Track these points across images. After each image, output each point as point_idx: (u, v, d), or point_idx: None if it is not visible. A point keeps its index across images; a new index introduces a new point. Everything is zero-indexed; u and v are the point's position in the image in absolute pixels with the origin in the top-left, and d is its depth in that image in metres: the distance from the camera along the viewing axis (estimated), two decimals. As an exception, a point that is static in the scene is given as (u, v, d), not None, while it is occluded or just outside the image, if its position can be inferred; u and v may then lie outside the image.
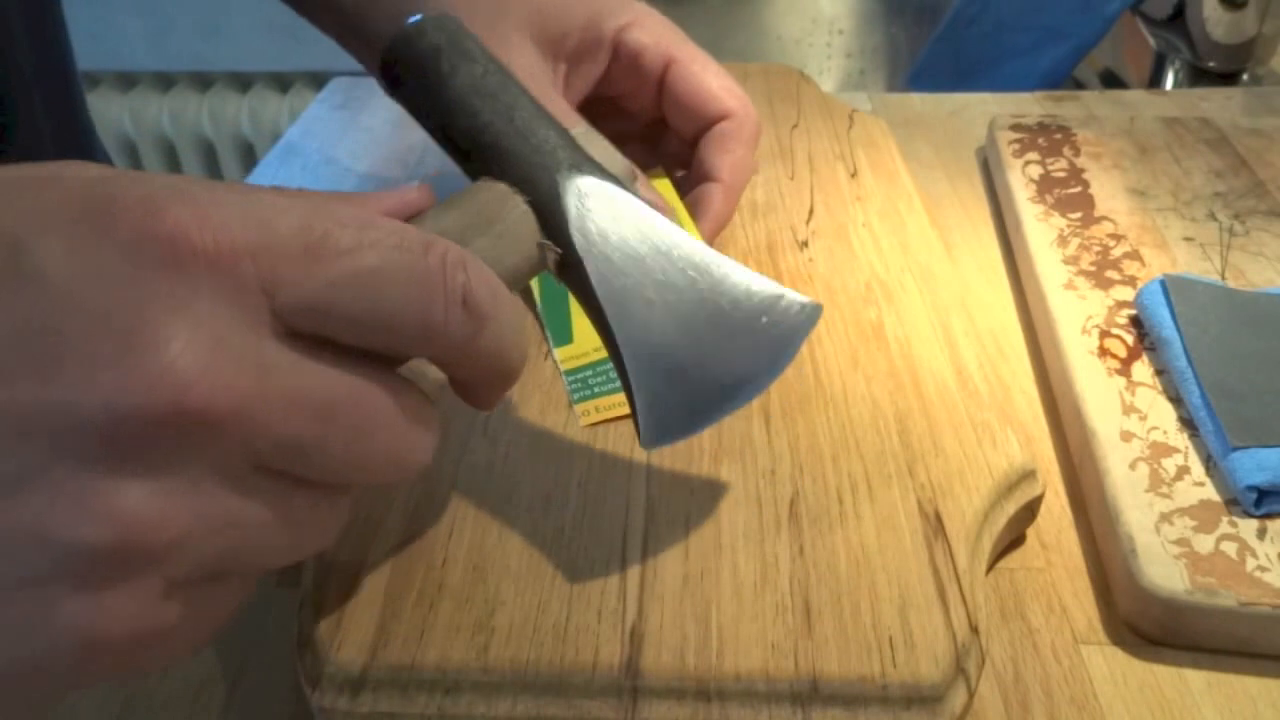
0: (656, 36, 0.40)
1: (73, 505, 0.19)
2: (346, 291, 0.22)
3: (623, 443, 0.35)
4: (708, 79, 0.41)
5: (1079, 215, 0.48)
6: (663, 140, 0.45)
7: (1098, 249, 0.45)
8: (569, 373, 0.37)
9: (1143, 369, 0.38)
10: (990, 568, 0.33)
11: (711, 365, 0.28)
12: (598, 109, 0.44)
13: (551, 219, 0.28)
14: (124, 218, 0.20)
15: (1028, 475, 0.34)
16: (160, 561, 0.20)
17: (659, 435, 0.28)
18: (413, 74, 0.31)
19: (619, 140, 0.34)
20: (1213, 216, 0.48)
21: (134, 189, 0.20)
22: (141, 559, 0.20)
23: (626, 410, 0.35)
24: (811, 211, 0.48)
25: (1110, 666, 0.30)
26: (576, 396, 0.36)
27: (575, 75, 0.41)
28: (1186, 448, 0.35)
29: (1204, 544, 0.31)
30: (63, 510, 0.19)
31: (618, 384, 0.37)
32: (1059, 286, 0.43)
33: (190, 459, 0.20)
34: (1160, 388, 0.37)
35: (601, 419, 0.35)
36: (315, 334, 0.22)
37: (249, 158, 1.50)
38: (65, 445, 0.19)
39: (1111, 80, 0.87)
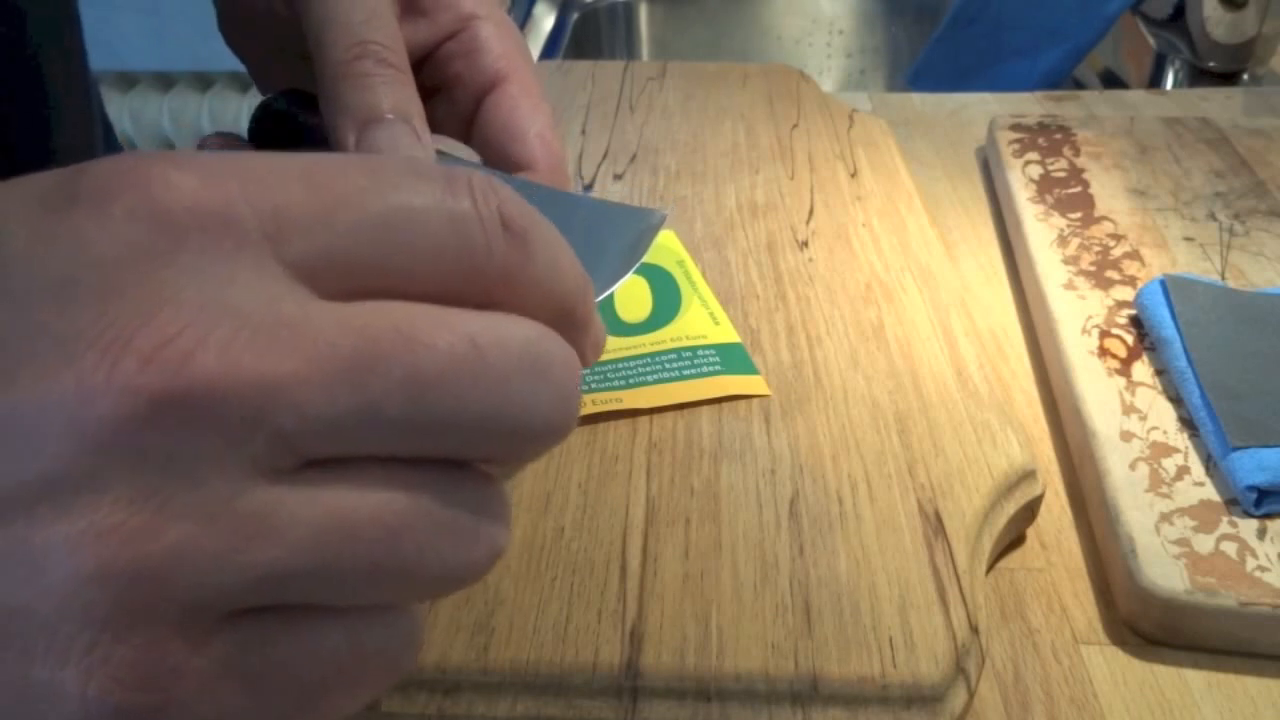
0: (505, 47, 0.34)
1: (27, 542, 0.16)
2: (370, 235, 0.18)
3: (623, 443, 0.35)
4: (529, 120, 0.34)
5: (1079, 215, 0.48)
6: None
7: (1098, 249, 0.45)
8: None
9: (1143, 369, 0.38)
10: (990, 568, 0.33)
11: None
12: None
13: None
14: (89, 183, 0.17)
15: (1028, 475, 0.34)
16: (165, 586, 0.16)
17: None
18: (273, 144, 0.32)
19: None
20: (1213, 216, 0.48)
21: (107, 160, 0.18)
22: (136, 587, 0.16)
23: (621, 405, 0.36)
24: (811, 211, 0.48)
25: (1110, 666, 0.30)
26: None
27: (411, 27, 0.35)
28: (1186, 448, 0.35)
29: (1204, 544, 0.31)
30: (27, 554, 0.16)
31: (612, 382, 0.37)
32: (1059, 286, 0.43)
33: (189, 455, 0.16)
34: (1160, 388, 0.37)
35: (595, 411, 0.36)
36: (340, 292, 0.18)
37: (249, 158, 1.50)
38: (26, 470, 0.16)
39: (1111, 80, 0.87)
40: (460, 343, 0.18)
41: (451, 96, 0.35)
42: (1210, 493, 0.33)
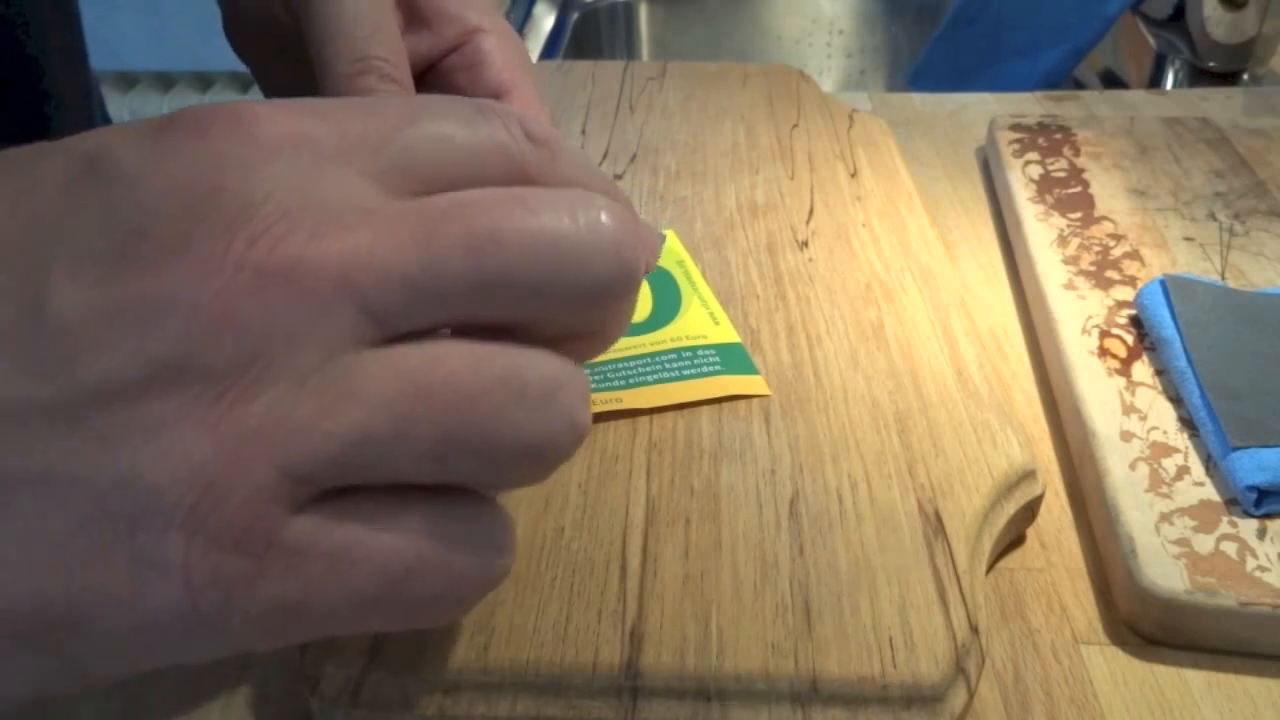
0: (508, 60, 0.35)
1: (141, 415, 0.18)
2: (422, 148, 0.21)
3: (623, 443, 0.35)
4: None
5: (1079, 215, 0.48)
6: None
7: (1098, 249, 0.45)
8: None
9: (1143, 369, 0.38)
10: (990, 568, 0.33)
11: None
12: None
13: None
14: (183, 120, 0.20)
15: (1028, 475, 0.34)
16: (261, 447, 0.18)
17: None
18: None
19: None
20: (1213, 216, 0.48)
21: (193, 106, 0.20)
22: (235, 448, 0.18)
23: (621, 405, 0.36)
24: (811, 211, 0.48)
25: (1110, 666, 0.30)
26: None
27: (414, 39, 0.36)
28: (1186, 448, 0.35)
29: (1204, 544, 0.31)
30: (151, 435, 0.18)
31: (612, 382, 0.37)
32: (1059, 286, 0.43)
33: (287, 323, 0.18)
34: (1160, 388, 0.37)
35: (595, 410, 0.36)
36: (406, 195, 0.21)
37: (249, 158, 1.50)
38: (145, 350, 0.18)
39: (1111, 80, 0.87)
40: (511, 201, 0.20)
41: None
42: (1210, 493, 0.33)
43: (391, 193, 0.20)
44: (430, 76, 0.35)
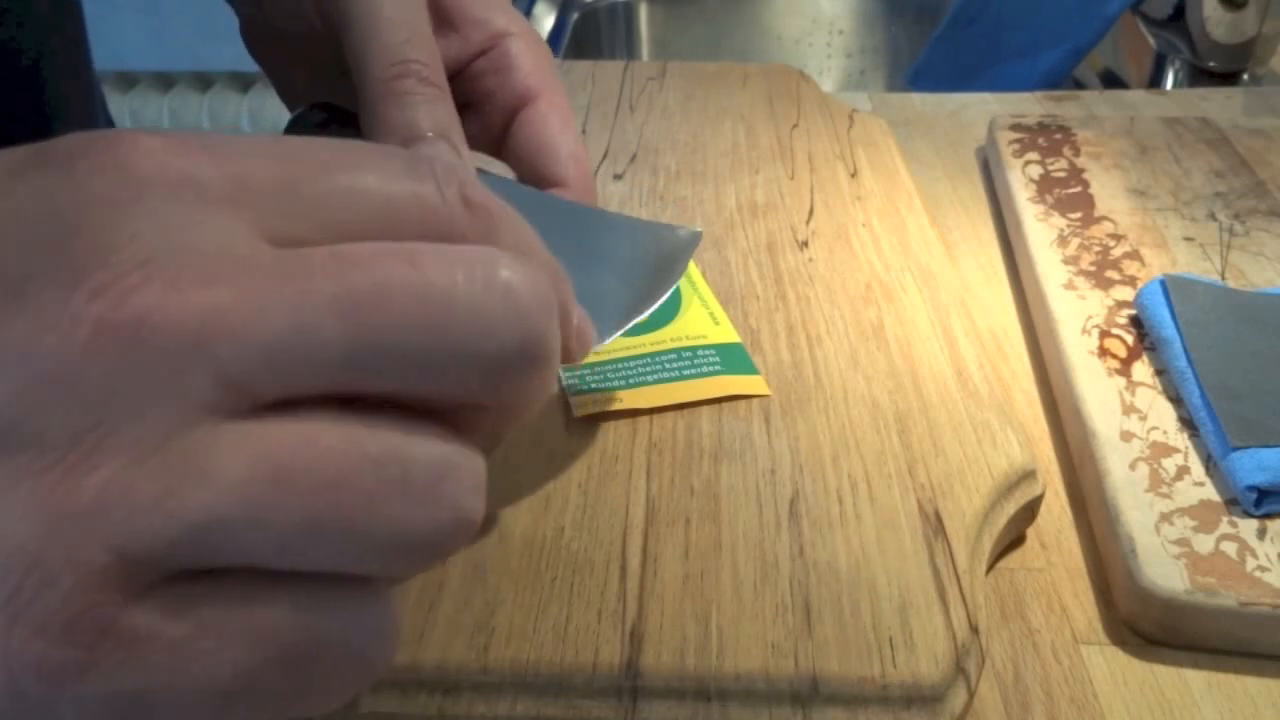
0: (536, 64, 0.35)
1: None
2: (332, 202, 0.18)
3: (623, 443, 0.35)
4: (561, 139, 0.35)
5: (1079, 215, 0.48)
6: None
7: (1098, 249, 0.45)
8: (566, 369, 0.37)
9: (1143, 369, 0.38)
10: (990, 568, 0.33)
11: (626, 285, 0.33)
12: None
13: None
14: (58, 148, 0.17)
15: (1028, 475, 0.34)
16: (94, 528, 0.16)
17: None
18: None
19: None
20: (1213, 216, 0.48)
21: (80, 132, 0.18)
22: (64, 527, 0.16)
23: (621, 405, 0.36)
24: (811, 211, 0.48)
25: (1110, 666, 0.30)
26: (572, 390, 0.36)
27: (443, 43, 0.35)
28: (1186, 448, 0.35)
29: (1204, 544, 0.31)
30: None
31: (613, 383, 0.37)
32: (1059, 286, 0.43)
33: (130, 388, 0.16)
34: (1160, 388, 0.37)
35: (597, 410, 0.36)
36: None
37: (249, 158, 1.51)
38: None
39: (1111, 80, 0.87)
40: (398, 262, 0.18)
41: (482, 112, 0.36)
42: (1210, 493, 0.33)
43: (281, 245, 0.18)
44: (458, 81, 0.35)
